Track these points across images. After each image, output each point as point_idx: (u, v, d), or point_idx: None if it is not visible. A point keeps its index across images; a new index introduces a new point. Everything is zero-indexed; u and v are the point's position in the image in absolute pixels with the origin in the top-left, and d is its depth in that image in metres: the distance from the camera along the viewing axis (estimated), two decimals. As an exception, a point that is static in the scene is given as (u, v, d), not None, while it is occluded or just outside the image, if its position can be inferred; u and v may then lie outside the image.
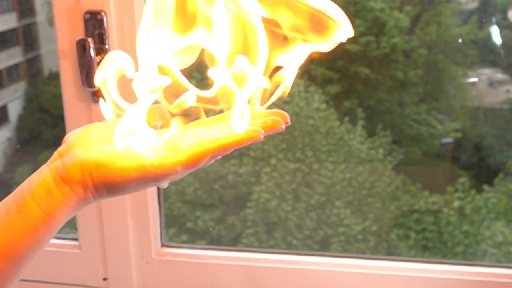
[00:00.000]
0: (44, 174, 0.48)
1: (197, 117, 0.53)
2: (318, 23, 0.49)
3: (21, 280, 0.51)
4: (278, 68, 0.52)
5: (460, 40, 3.36)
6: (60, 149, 0.50)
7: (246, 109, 0.49)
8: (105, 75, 0.50)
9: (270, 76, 0.51)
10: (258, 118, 0.50)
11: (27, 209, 0.47)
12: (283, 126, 0.49)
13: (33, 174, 0.50)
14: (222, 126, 0.50)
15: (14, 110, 3.37)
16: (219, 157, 0.49)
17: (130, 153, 0.48)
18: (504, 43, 3.00)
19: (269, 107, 0.52)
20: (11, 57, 3.33)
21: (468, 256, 2.87)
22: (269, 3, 0.49)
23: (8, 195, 0.50)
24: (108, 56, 0.51)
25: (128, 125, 0.49)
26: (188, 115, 0.53)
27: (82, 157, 0.48)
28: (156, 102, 0.52)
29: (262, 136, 0.47)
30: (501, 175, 2.93)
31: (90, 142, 0.49)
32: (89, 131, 0.51)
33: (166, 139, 0.50)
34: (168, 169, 0.47)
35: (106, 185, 0.48)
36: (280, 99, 0.52)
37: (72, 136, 0.51)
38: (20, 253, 0.48)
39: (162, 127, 0.54)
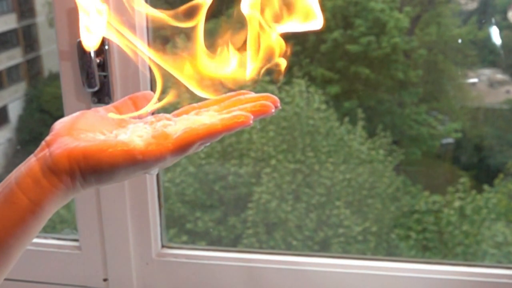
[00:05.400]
0: (32, 164, 0.48)
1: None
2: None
3: (21, 280, 0.51)
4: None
5: (460, 41, 3.36)
6: (47, 138, 0.50)
7: None
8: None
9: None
10: (247, 102, 0.50)
11: (14, 200, 0.47)
12: (273, 110, 0.49)
13: (21, 164, 0.49)
14: (211, 112, 0.50)
15: (14, 111, 3.37)
16: (208, 144, 0.48)
17: (118, 141, 0.47)
18: (504, 44, 3.00)
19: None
20: (11, 58, 3.33)
21: (469, 257, 2.87)
22: None
23: None
24: None
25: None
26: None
27: (69, 146, 0.47)
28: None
29: (251, 121, 0.47)
30: (501, 175, 2.93)
31: (78, 131, 0.49)
32: (77, 120, 0.50)
33: (154, 126, 0.49)
34: (156, 156, 0.46)
35: (94, 174, 0.47)
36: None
37: (60, 125, 0.50)
38: (8, 244, 0.47)
39: (151, 113, 0.53)
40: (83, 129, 0.49)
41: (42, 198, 0.47)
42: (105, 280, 1.09)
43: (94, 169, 0.47)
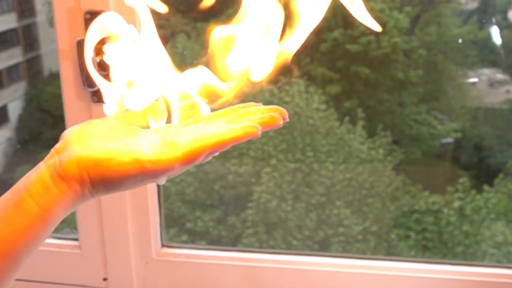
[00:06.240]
0: (41, 170, 0.48)
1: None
2: None
3: (21, 280, 0.51)
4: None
5: (460, 41, 3.36)
6: (57, 145, 0.50)
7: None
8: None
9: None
10: (256, 114, 0.50)
11: (24, 206, 0.47)
12: (281, 122, 0.49)
13: (30, 171, 0.50)
14: (220, 122, 0.50)
15: (14, 110, 3.37)
16: (216, 154, 0.49)
17: (128, 149, 0.48)
18: (504, 43, 3.00)
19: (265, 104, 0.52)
20: (11, 57, 3.33)
21: (468, 256, 2.87)
22: None
23: (5, 192, 0.49)
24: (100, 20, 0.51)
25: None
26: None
27: (79, 153, 0.48)
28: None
29: (260, 133, 0.47)
30: (501, 175, 2.94)
31: (88, 139, 0.49)
32: (87, 128, 0.51)
33: (164, 135, 0.50)
34: (165, 165, 0.47)
35: (103, 181, 0.48)
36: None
37: (70, 133, 0.50)
38: (17, 250, 0.48)
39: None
40: (92, 137, 0.50)
41: (52, 205, 0.47)
42: (105, 279, 1.09)
43: (103, 176, 0.47)
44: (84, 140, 0.49)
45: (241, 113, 0.51)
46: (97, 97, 0.98)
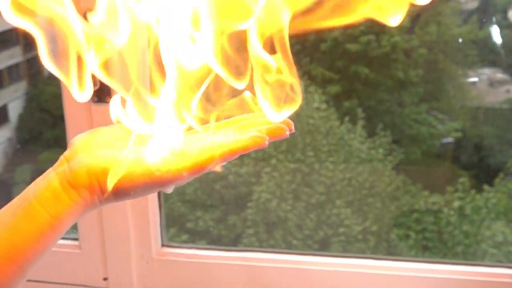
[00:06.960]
0: (51, 178, 0.48)
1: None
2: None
3: (22, 279, 0.51)
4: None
5: (460, 40, 3.36)
6: (66, 153, 0.50)
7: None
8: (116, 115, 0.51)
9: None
10: (262, 124, 0.50)
11: (34, 214, 0.47)
12: (287, 133, 0.50)
13: (38, 178, 0.50)
14: (227, 132, 0.51)
15: (15, 110, 3.37)
16: (224, 163, 0.49)
17: (137, 158, 0.48)
18: (504, 43, 3.00)
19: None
20: (12, 57, 3.33)
21: (468, 256, 2.87)
22: None
23: (13, 199, 0.49)
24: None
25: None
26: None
27: (88, 162, 0.48)
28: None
29: (267, 143, 0.48)
30: (501, 175, 2.93)
31: (96, 147, 0.50)
32: (95, 136, 0.51)
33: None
34: (174, 174, 0.47)
35: (113, 190, 0.48)
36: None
37: (78, 141, 0.51)
38: (26, 257, 0.48)
39: None
40: (101, 145, 0.50)
41: (62, 213, 0.48)
42: (105, 279, 1.09)
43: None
44: (93, 148, 0.50)
45: (248, 123, 0.51)
46: (97, 96, 0.98)
